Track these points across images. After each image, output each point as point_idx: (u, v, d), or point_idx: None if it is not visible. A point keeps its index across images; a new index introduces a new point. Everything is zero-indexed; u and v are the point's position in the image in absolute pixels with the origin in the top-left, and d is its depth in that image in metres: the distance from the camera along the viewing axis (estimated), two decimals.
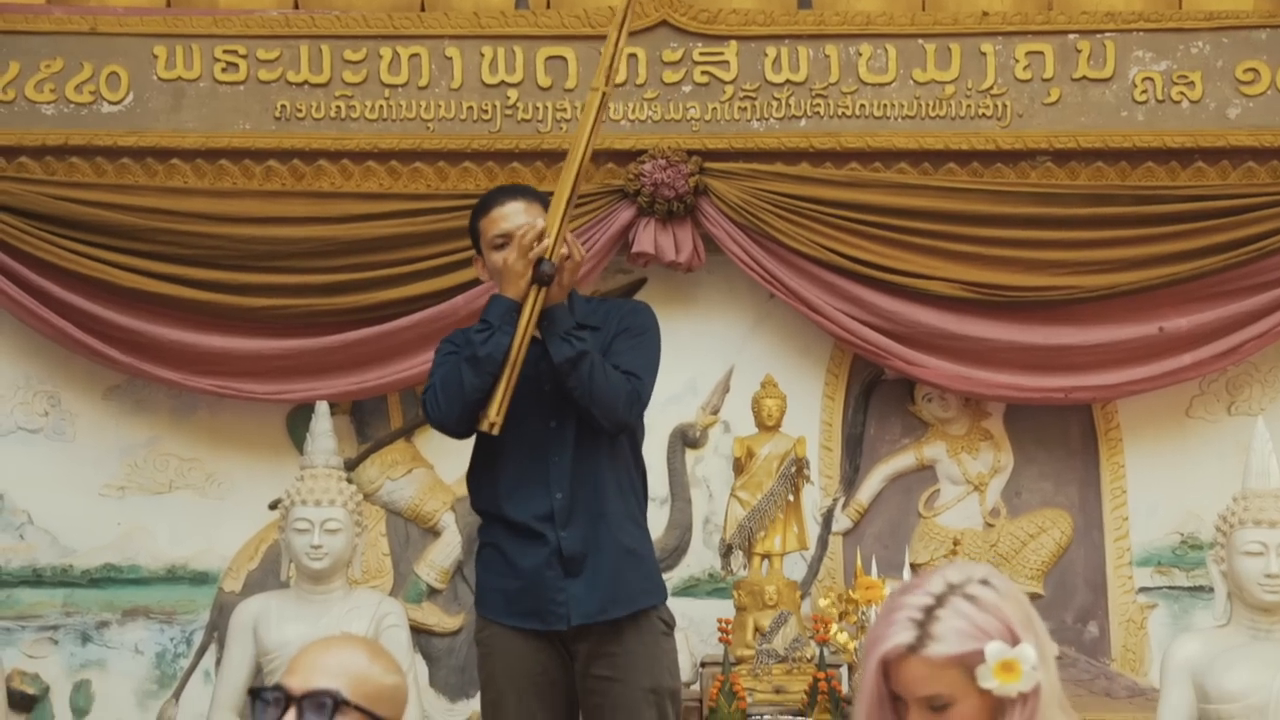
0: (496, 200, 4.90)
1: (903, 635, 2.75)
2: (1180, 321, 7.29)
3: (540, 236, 4.70)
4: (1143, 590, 7.44)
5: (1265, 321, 7.30)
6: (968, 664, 2.73)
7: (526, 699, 4.76)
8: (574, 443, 4.78)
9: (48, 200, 7.26)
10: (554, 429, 4.78)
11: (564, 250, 4.74)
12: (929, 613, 2.76)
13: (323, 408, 6.88)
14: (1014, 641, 2.74)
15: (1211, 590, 6.59)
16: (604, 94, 5.01)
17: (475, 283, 7.15)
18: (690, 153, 7.27)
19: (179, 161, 7.37)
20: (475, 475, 4.91)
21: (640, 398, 4.80)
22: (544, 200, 4.92)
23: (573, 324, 4.77)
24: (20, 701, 7.26)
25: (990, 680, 2.72)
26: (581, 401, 4.70)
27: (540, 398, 4.76)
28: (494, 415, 4.70)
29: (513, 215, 4.81)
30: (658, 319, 5.02)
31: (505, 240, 4.77)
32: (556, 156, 7.33)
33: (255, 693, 3.10)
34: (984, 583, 2.80)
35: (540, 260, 4.69)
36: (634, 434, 4.94)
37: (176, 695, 7.39)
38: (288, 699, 3.06)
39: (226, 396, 7.35)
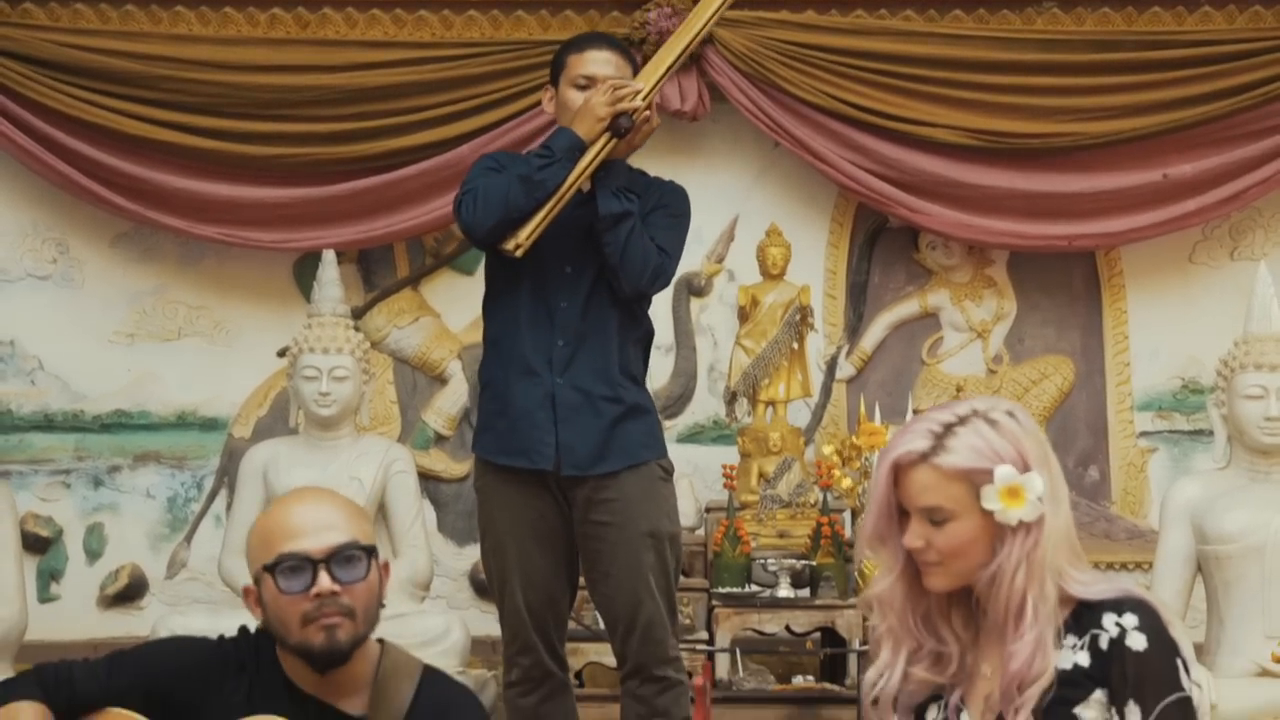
0: (594, 43, 4.93)
1: (918, 443, 2.77)
2: (1184, 168, 7.29)
3: (634, 95, 4.74)
4: (1143, 435, 7.50)
5: (1269, 166, 7.30)
6: (974, 481, 2.75)
7: (525, 546, 4.79)
8: (586, 293, 4.80)
9: (52, 46, 7.25)
10: (569, 274, 4.80)
11: (647, 112, 4.78)
12: (948, 428, 2.78)
13: (329, 256, 6.91)
14: (1024, 469, 2.75)
15: (1211, 434, 6.64)
16: None
17: (480, 132, 7.18)
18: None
19: (184, 8, 7.35)
20: (489, 303, 4.94)
21: (665, 273, 4.84)
22: (633, 62, 4.96)
23: (625, 183, 4.80)
24: (34, 544, 7.35)
25: (994, 502, 2.73)
26: (611, 259, 4.72)
27: (564, 243, 4.77)
28: (523, 238, 4.72)
29: (603, 63, 4.85)
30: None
31: (589, 82, 4.80)
32: (561, 4, 7.31)
33: (272, 567, 3.04)
34: (1009, 414, 2.83)
35: (622, 113, 4.73)
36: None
37: (188, 539, 7.48)
38: (312, 563, 3.04)
39: (233, 244, 7.37)
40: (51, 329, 7.47)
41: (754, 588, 6.60)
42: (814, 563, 6.58)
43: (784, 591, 6.56)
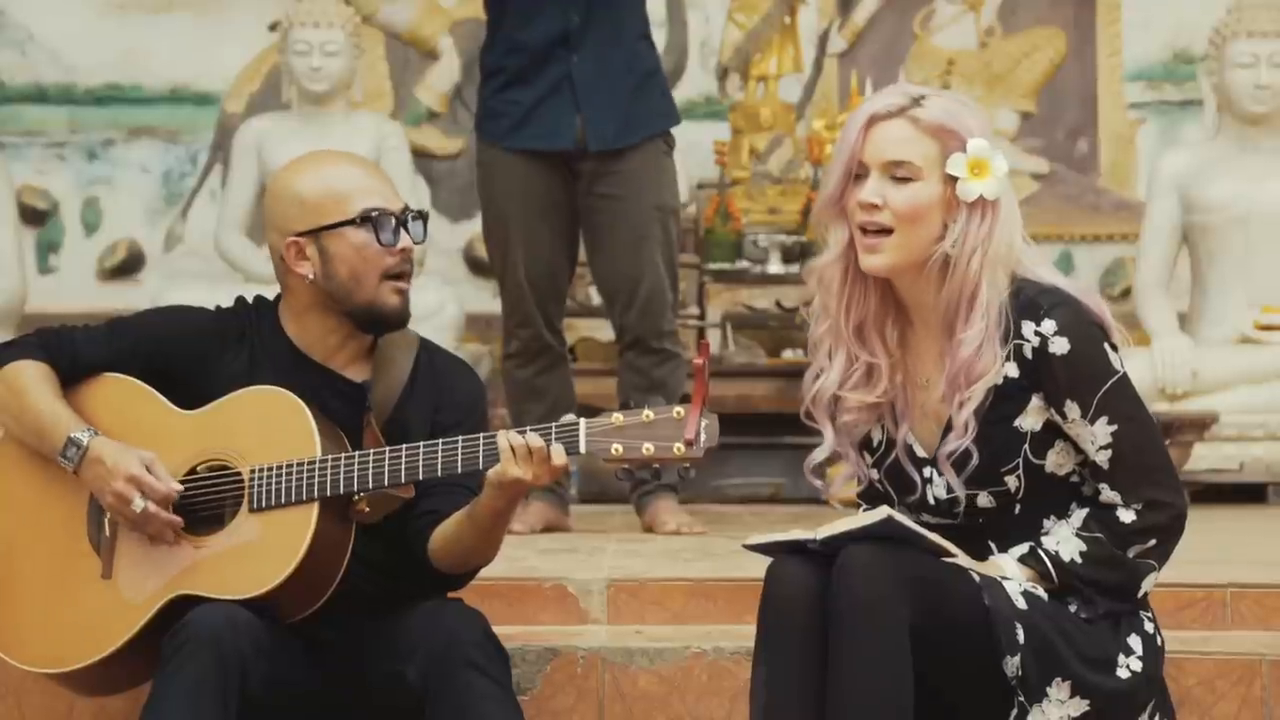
0: None
1: (897, 99, 2.79)
2: None
3: None
4: (1133, 106, 7.51)
5: None
6: (946, 144, 2.77)
7: (530, 219, 4.83)
8: None
9: None
10: None
11: None
12: (926, 97, 2.80)
13: None
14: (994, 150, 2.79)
15: (1201, 104, 6.68)
16: None
17: None
18: None
19: None
20: None
21: None
22: None
23: None
24: (31, 216, 7.40)
25: (960, 168, 2.75)
26: None
27: None
28: None
29: None
30: None
31: None
32: None
33: (364, 219, 3.02)
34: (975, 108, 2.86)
35: None
36: None
37: (184, 213, 7.53)
38: (397, 219, 3.05)
39: None
40: None
41: (744, 263, 6.68)
42: (804, 238, 6.64)
43: (774, 267, 6.64)
